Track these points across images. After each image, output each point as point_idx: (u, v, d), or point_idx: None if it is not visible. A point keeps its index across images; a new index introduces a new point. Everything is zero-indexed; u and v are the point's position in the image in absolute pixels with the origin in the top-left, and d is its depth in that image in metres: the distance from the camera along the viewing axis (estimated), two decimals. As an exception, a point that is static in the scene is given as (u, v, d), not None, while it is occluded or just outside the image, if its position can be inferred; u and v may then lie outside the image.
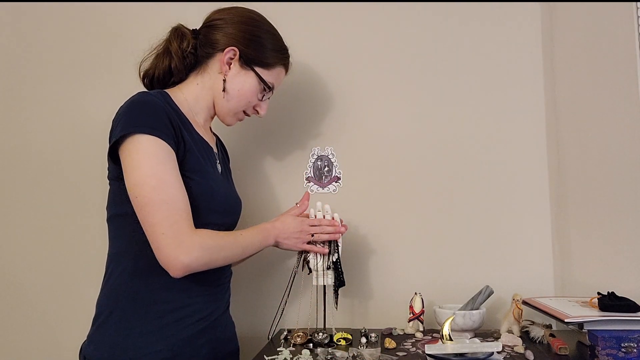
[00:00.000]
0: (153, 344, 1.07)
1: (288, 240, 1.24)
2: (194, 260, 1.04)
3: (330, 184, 1.57)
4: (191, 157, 1.12)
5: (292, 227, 1.24)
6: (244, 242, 1.16)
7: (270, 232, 1.22)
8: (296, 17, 1.62)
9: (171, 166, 1.06)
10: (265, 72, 1.24)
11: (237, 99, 1.23)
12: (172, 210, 1.03)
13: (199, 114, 1.23)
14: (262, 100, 1.27)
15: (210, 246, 1.07)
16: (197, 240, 1.05)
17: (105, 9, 1.69)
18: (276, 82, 1.28)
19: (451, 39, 1.56)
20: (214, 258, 1.08)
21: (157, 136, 1.05)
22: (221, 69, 1.21)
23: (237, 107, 1.24)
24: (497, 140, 1.53)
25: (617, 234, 1.39)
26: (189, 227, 1.05)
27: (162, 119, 1.07)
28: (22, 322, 1.65)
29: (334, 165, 1.57)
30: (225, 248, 1.11)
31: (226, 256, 1.12)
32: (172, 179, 1.05)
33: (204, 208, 1.12)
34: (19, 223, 1.67)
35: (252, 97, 1.24)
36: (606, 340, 1.04)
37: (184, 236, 1.03)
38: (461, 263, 1.50)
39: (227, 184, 1.27)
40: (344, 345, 1.25)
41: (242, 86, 1.22)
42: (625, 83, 1.39)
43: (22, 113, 1.70)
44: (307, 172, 1.58)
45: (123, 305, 1.09)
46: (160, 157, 1.05)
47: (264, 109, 1.29)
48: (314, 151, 1.58)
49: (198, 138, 1.19)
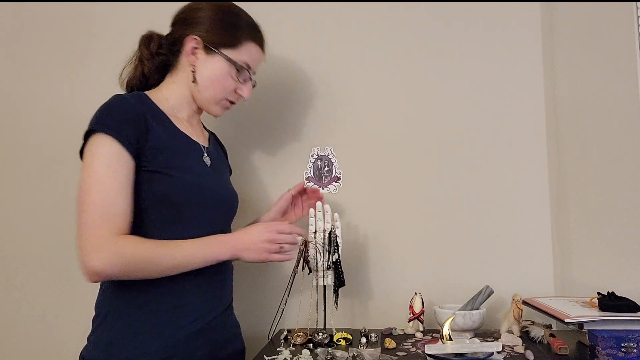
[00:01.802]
0: (148, 344, 1.07)
1: (250, 252, 1.14)
2: (106, 267, 1.01)
3: (330, 184, 1.57)
4: (166, 152, 1.11)
5: (256, 237, 1.14)
6: (180, 254, 1.08)
7: (226, 243, 1.13)
8: (296, 17, 1.62)
9: (116, 169, 1.05)
10: (234, 52, 1.20)
11: (212, 86, 1.20)
12: (98, 213, 1.02)
13: (180, 110, 1.23)
14: (243, 83, 1.24)
15: (127, 255, 1.03)
16: (113, 247, 1.02)
17: (104, 8, 1.69)
18: (250, 60, 1.22)
19: (451, 39, 1.56)
20: (132, 267, 1.04)
21: (112, 136, 1.05)
22: (189, 61, 1.20)
23: (214, 95, 1.21)
24: (497, 140, 1.53)
25: (617, 234, 1.39)
26: (111, 232, 1.02)
27: (126, 120, 1.07)
28: (22, 322, 1.65)
29: (334, 165, 1.58)
30: (148, 260, 1.05)
31: (151, 269, 1.06)
32: (111, 182, 1.04)
33: (185, 202, 1.12)
34: (18, 223, 1.67)
35: (226, 82, 1.20)
36: (606, 340, 1.04)
37: (101, 241, 1.01)
38: (461, 263, 1.50)
39: (217, 178, 1.24)
40: (344, 345, 1.25)
41: (212, 73, 1.19)
42: (625, 83, 1.39)
43: (21, 112, 1.70)
44: (307, 172, 1.58)
45: (119, 306, 1.10)
46: (107, 159, 1.05)
47: (246, 92, 1.24)
48: (314, 151, 1.58)
49: (179, 134, 1.18)
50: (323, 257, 1.29)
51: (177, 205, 1.11)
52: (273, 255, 1.15)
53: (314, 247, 1.30)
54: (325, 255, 1.29)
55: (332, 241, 1.30)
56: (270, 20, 1.61)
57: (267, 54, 1.50)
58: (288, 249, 1.17)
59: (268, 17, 1.62)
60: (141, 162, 1.09)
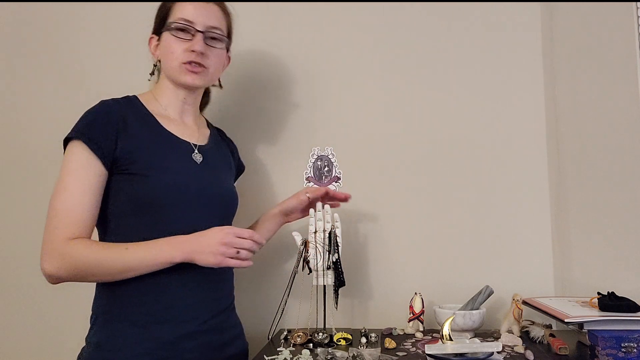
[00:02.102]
0: (135, 346, 1.08)
1: (204, 255, 1.08)
2: (56, 270, 1.05)
3: (330, 184, 1.57)
4: (145, 154, 1.13)
5: (212, 239, 1.09)
6: (129, 257, 1.07)
7: (178, 245, 1.09)
8: (297, 17, 1.62)
9: (84, 174, 1.09)
10: (169, 21, 1.21)
11: (167, 58, 1.22)
12: (57, 217, 1.06)
13: (169, 106, 1.24)
14: (191, 40, 1.20)
15: (75, 258, 1.05)
16: (62, 250, 1.05)
17: (103, 8, 1.69)
18: (185, 13, 1.20)
19: (451, 39, 1.56)
20: (81, 271, 1.06)
21: (83, 141, 1.09)
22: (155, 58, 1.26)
23: (171, 64, 1.21)
24: (497, 140, 1.53)
25: (617, 234, 1.39)
26: (64, 237, 1.05)
27: (99, 124, 1.11)
28: (22, 322, 1.65)
29: (334, 165, 1.58)
30: (95, 264, 1.06)
31: (100, 272, 1.07)
32: (76, 187, 1.08)
33: (166, 203, 1.12)
34: (19, 222, 1.67)
35: (173, 46, 1.20)
36: (606, 340, 1.04)
37: (54, 245, 1.05)
38: (461, 263, 1.50)
39: (208, 176, 1.22)
40: (344, 345, 1.25)
41: (163, 49, 1.22)
42: (625, 83, 1.39)
43: (18, 111, 1.70)
44: (307, 172, 1.58)
45: (108, 307, 1.11)
46: (75, 165, 1.09)
47: (196, 44, 1.19)
48: (314, 151, 1.58)
49: (164, 133, 1.19)
50: (323, 257, 1.29)
51: (157, 206, 1.11)
52: (228, 260, 1.09)
53: (314, 247, 1.30)
54: (325, 255, 1.29)
55: (332, 241, 1.30)
56: (270, 20, 1.62)
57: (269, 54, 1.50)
58: (245, 255, 1.11)
59: (268, 17, 1.62)
60: (120, 165, 1.12)
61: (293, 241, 1.35)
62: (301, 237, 1.34)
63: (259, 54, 1.62)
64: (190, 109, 1.28)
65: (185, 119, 1.27)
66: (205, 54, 1.20)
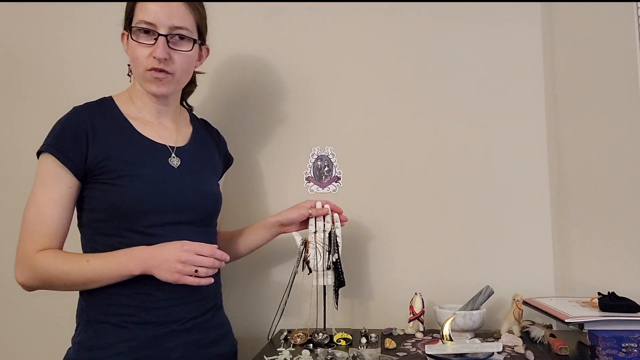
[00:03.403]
0: (114, 345, 1.09)
1: (161, 270, 1.06)
2: (26, 281, 1.09)
3: (330, 184, 1.57)
4: (114, 163, 1.12)
5: (169, 254, 1.06)
6: (89, 269, 1.07)
7: (136, 258, 1.07)
8: (297, 17, 1.61)
9: (53, 186, 1.10)
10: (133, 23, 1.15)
11: (133, 64, 1.17)
12: (27, 229, 1.10)
13: (144, 109, 1.21)
14: (153, 45, 1.13)
15: (41, 270, 1.08)
16: (30, 263, 1.08)
17: (102, 7, 1.69)
18: (146, 15, 1.13)
19: (451, 39, 1.56)
20: (47, 282, 1.09)
21: (52, 154, 1.10)
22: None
23: (136, 71, 1.17)
24: (497, 140, 1.52)
25: (617, 234, 1.39)
26: (33, 248, 1.08)
27: (68, 135, 1.11)
28: (14, 323, 1.65)
29: (334, 165, 1.57)
30: (58, 276, 1.08)
31: (64, 284, 1.09)
32: (44, 199, 1.10)
33: (138, 210, 1.11)
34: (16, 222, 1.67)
35: (136, 52, 1.14)
36: (606, 341, 1.04)
37: (23, 256, 1.09)
38: (461, 263, 1.50)
39: (186, 178, 1.18)
40: (344, 345, 1.25)
41: (130, 54, 1.17)
42: (625, 83, 1.39)
43: (16, 112, 1.70)
44: (307, 172, 1.58)
45: (89, 309, 1.13)
46: (45, 177, 1.11)
47: (157, 51, 1.12)
48: (314, 151, 1.58)
49: (138, 139, 1.17)
50: (323, 257, 1.29)
51: (133, 214, 1.10)
52: (186, 277, 1.05)
53: (314, 247, 1.29)
54: (325, 255, 1.29)
55: (332, 241, 1.30)
56: (270, 20, 1.62)
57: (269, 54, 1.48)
58: (204, 273, 1.07)
59: (268, 18, 1.62)
60: (93, 174, 1.12)
61: (293, 241, 1.34)
62: (301, 237, 1.34)
63: (259, 54, 1.62)
64: (167, 109, 1.24)
65: (162, 120, 1.23)
66: (169, 59, 1.13)
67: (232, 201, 1.51)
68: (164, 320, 1.12)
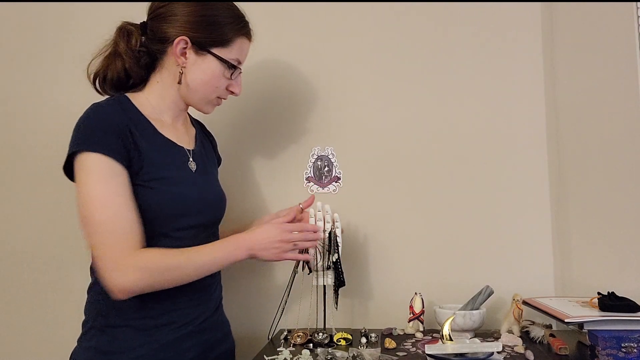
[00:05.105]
0: (135, 349, 1.07)
1: (266, 252, 1.14)
2: (132, 283, 1.02)
3: (330, 184, 1.57)
4: (149, 165, 1.09)
5: (271, 237, 1.14)
6: (200, 260, 1.08)
7: (242, 244, 1.12)
8: (296, 17, 1.62)
9: (115, 184, 1.03)
10: (225, 51, 1.15)
11: (204, 87, 1.16)
12: (108, 232, 1.01)
13: (165, 112, 1.19)
14: (233, 79, 1.19)
15: (150, 268, 1.03)
16: (133, 262, 1.02)
17: (101, 7, 1.69)
18: (241, 56, 1.19)
19: (451, 39, 1.56)
20: (157, 280, 1.05)
21: (102, 153, 1.02)
22: (177, 62, 1.14)
23: (206, 95, 1.18)
24: (498, 140, 1.52)
25: (617, 234, 1.39)
26: (127, 248, 1.02)
27: (110, 133, 1.04)
28: (15, 324, 1.65)
29: (334, 165, 1.57)
30: (171, 269, 1.06)
31: (176, 277, 1.07)
32: (114, 198, 1.03)
33: (169, 215, 1.10)
34: (18, 222, 1.67)
35: (218, 82, 1.17)
36: (606, 340, 1.04)
37: (120, 259, 1.01)
38: (461, 263, 1.50)
39: (203, 182, 1.21)
40: (344, 345, 1.25)
41: (203, 74, 1.15)
42: (625, 83, 1.39)
43: (18, 111, 1.70)
44: (307, 172, 1.58)
45: (105, 312, 1.10)
46: (103, 176, 1.03)
47: (237, 88, 1.21)
48: (314, 151, 1.58)
49: (161, 141, 1.15)
50: (323, 257, 1.29)
51: (160, 218, 1.09)
52: (287, 254, 1.17)
53: (314, 247, 1.30)
54: (325, 255, 1.29)
55: (332, 241, 1.30)
56: (270, 20, 1.62)
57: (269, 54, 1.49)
58: (302, 247, 1.19)
59: (268, 17, 1.62)
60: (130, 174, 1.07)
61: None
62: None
63: (259, 54, 1.61)
64: (184, 114, 1.26)
65: (177, 123, 1.23)
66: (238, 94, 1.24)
67: (231, 201, 1.50)
68: (183, 321, 1.12)
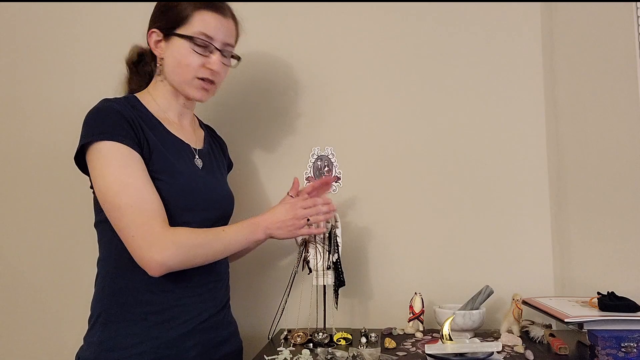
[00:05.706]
0: (137, 345, 1.08)
1: (281, 230, 1.19)
2: (169, 258, 1.05)
3: (330, 184, 1.57)
4: (157, 157, 1.12)
5: (283, 215, 1.19)
6: (226, 239, 1.13)
7: (259, 225, 1.18)
8: (296, 17, 1.62)
9: (135, 168, 1.07)
10: (186, 28, 1.16)
11: (179, 68, 1.17)
12: (138, 212, 1.04)
13: (169, 109, 1.23)
14: (209, 56, 1.18)
15: (185, 244, 1.07)
16: (170, 238, 1.06)
17: (100, 6, 1.69)
18: (206, 28, 1.17)
19: (451, 39, 1.56)
20: (191, 255, 1.08)
21: (116, 140, 1.06)
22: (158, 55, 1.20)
23: (184, 76, 1.18)
24: (497, 141, 1.53)
25: (617, 234, 1.39)
26: (161, 226, 1.06)
27: (121, 123, 1.08)
28: (21, 323, 1.65)
29: (334, 165, 1.58)
30: (203, 245, 1.10)
31: (206, 253, 1.11)
32: (136, 181, 1.06)
33: (175, 207, 1.12)
34: (17, 222, 1.67)
35: (189, 60, 1.16)
36: (606, 340, 1.05)
37: (155, 235, 1.04)
38: (461, 263, 1.50)
39: (210, 179, 1.24)
40: (344, 345, 1.25)
41: (174, 56, 1.17)
42: (625, 83, 1.39)
43: (18, 111, 1.70)
44: (307, 172, 1.58)
45: (109, 307, 1.11)
46: (121, 160, 1.06)
47: (215, 64, 1.19)
48: (314, 151, 1.58)
49: (168, 137, 1.18)
50: (323, 257, 1.30)
51: (168, 211, 1.10)
52: (301, 230, 1.21)
53: (314, 247, 1.30)
54: (325, 255, 1.30)
55: (332, 241, 1.30)
56: (271, 20, 1.62)
57: (269, 54, 1.49)
58: (315, 222, 1.23)
59: (268, 17, 1.62)
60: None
61: (293, 241, 1.35)
62: (301, 237, 1.34)
63: (259, 54, 1.62)
64: (188, 112, 1.28)
65: (183, 121, 1.27)
66: (219, 72, 1.20)
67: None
68: (184, 318, 1.12)
